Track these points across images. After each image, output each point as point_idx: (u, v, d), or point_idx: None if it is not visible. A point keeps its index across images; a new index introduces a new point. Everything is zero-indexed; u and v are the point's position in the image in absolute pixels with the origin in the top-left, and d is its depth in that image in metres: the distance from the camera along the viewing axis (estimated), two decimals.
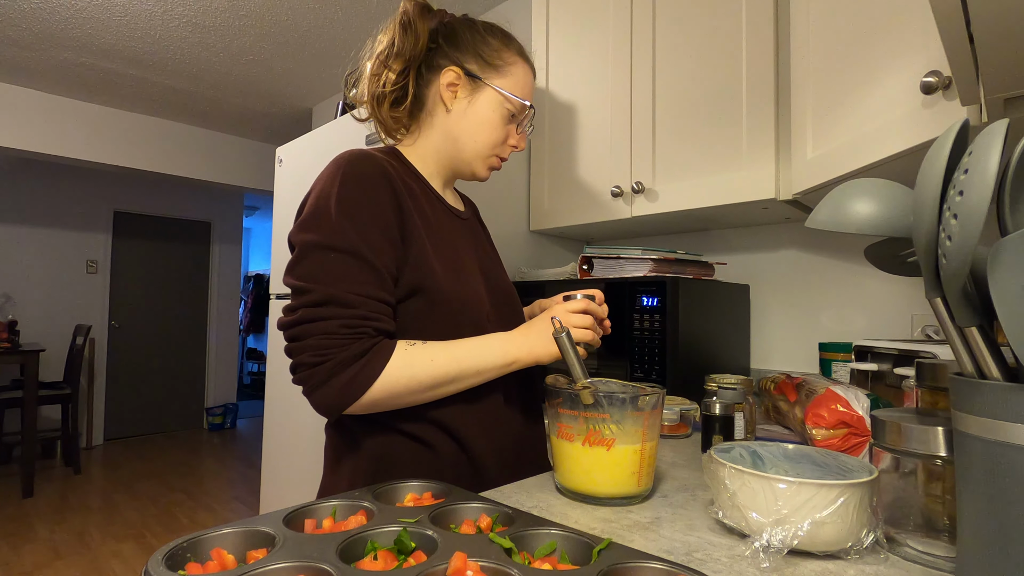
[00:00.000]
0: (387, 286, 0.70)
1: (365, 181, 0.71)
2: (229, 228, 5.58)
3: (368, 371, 0.66)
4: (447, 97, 0.82)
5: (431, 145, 0.85)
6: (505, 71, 0.82)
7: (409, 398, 0.70)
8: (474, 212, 0.99)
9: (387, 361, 0.67)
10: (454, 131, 0.83)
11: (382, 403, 0.69)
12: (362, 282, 0.67)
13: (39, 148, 3.40)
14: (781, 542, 0.50)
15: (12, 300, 4.28)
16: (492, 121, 0.82)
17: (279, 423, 1.87)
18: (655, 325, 1.24)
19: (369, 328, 0.67)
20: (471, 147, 0.83)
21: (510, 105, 0.82)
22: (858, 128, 0.92)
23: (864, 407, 0.77)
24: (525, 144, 0.88)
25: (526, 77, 0.84)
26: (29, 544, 2.74)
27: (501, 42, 0.84)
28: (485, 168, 0.86)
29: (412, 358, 0.69)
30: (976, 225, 0.38)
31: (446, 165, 0.86)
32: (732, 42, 1.22)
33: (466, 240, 0.86)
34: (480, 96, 0.82)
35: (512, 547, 0.46)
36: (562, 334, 0.69)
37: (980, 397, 0.41)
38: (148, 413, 5.06)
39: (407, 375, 0.68)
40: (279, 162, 1.95)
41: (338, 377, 0.65)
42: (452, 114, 0.82)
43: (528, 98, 0.84)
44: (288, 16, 2.50)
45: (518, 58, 0.84)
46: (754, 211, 1.30)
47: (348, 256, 0.67)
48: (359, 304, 0.67)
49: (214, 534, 0.46)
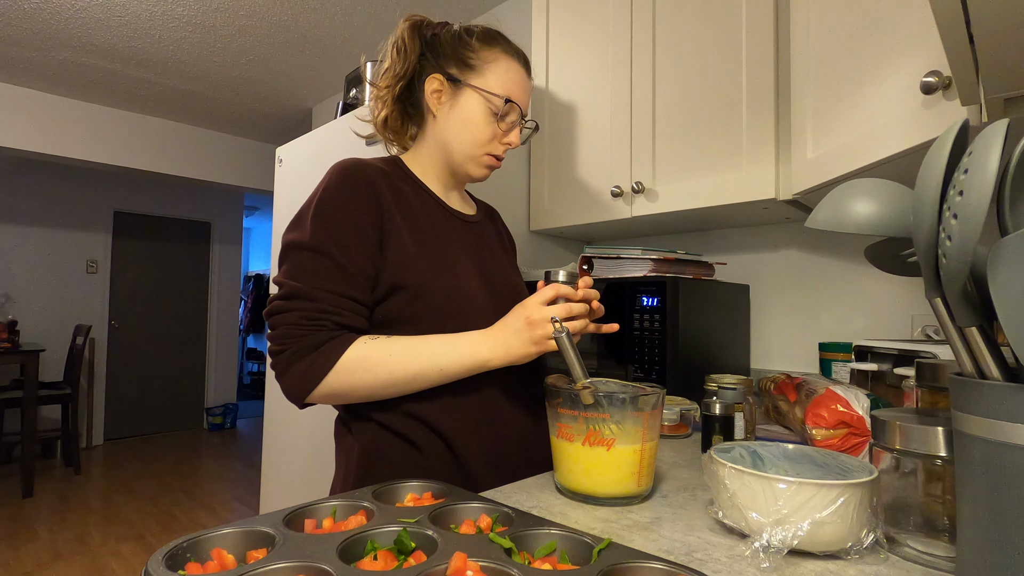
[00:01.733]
0: (357, 284, 0.73)
1: (345, 187, 0.76)
2: (229, 228, 5.58)
3: (322, 361, 0.69)
4: (433, 104, 0.84)
5: (427, 152, 0.88)
6: (483, 69, 0.82)
7: (367, 392, 0.72)
8: (488, 216, 1.00)
9: (342, 353, 0.69)
10: (441, 136, 0.85)
11: (341, 394, 0.71)
12: (328, 279, 0.71)
13: (39, 148, 3.40)
14: (781, 542, 0.50)
15: (12, 300, 4.28)
16: (474, 121, 0.83)
17: (279, 423, 1.87)
18: (655, 325, 1.24)
19: (328, 321, 0.70)
20: (459, 149, 0.84)
21: (491, 103, 0.82)
22: (858, 128, 0.92)
23: (864, 407, 0.77)
24: (519, 140, 0.86)
25: (509, 72, 0.83)
26: (29, 544, 2.74)
27: (481, 42, 0.84)
28: (478, 168, 0.86)
29: (368, 351, 0.70)
30: (976, 225, 0.38)
31: (443, 170, 0.88)
32: (732, 42, 1.22)
33: (465, 241, 0.87)
34: (461, 98, 0.83)
35: (512, 547, 0.46)
36: (561, 334, 0.69)
37: (980, 397, 0.41)
38: (148, 413, 5.06)
39: (362, 368, 0.70)
40: (279, 162, 1.95)
41: (296, 366, 0.69)
42: (438, 120, 0.85)
43: (513, 93, 0.83)
44: (288, 16, 2.50)
45: (500, 55, 0.84)
46: (754, 211, 1.30)
47: (318, 255, 0.72)
48: (321, 298, 0.71)
49: (214, 534, 0.46)
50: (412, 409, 0.76)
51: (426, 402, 0.76)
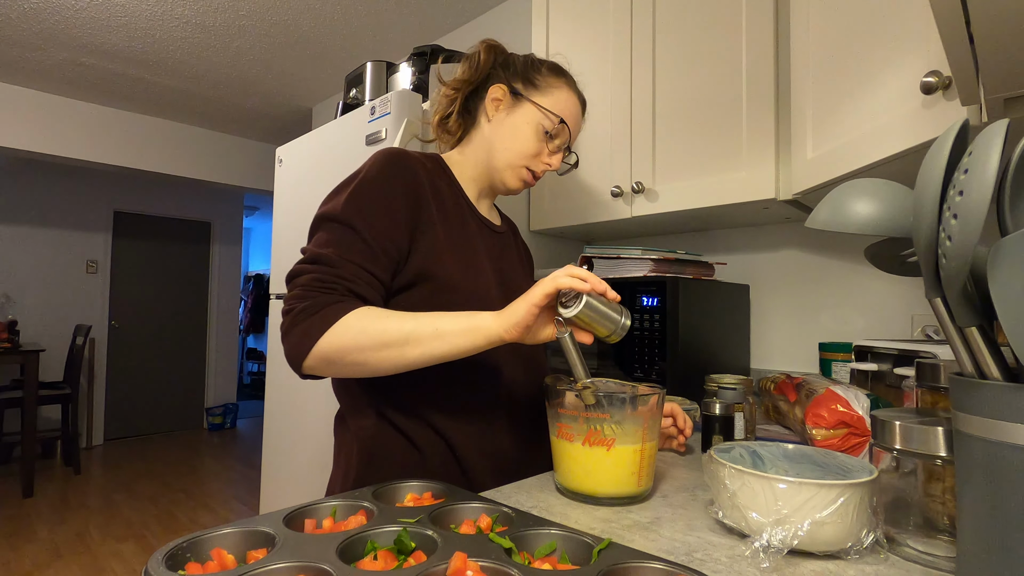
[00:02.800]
0: (378, 261, 0.73)
1: (387, 172, 0.77)
2: (229, 228, 5.58)
3: (322, 321, 0.67)
4: (490, 109, 0.88)
5: (470, 152, 0.91)
6: (547, 91, 0.87)
7: (359, 355, 0.67)
8: (511, 229, 1.01)
9: (344, 315, 0.67)
10: (490, 138, 0.88)
11: (334, 357, 0.67)
12: (350, 249, 0.72)
13: (39, 148, 3.40)
14: (781, 542, 0.50)
15: (12, 300, 4.28)
16: (525, 132, 0.86)
17: (279, 423, 1.87)
18: (655, 325, 1.24)
19: (341, 287, 0.70)
20: (503, 155, 0.87)
21: (546, 121, 0.86)
22: (858, 128, 0.92)
23: (864, 407, 0.77)
24: (558, 165, 0.90)
25: (568, 102, 0.88)
26: (29, 544, 2.74)
27: (550, 70, 0.89)
28: (515, 179, 0.88)
29: (367, 313, 0.68)
30: (976, 225, 0.38)
31: (481, 172, 0.90)
32: (732, 42, 1.22)
33: (490, 248, 0.88)
34: (518, 109, 0.87)
35: (512, 547, 0.46)
36: (564, 334, 0.69)
37: (980, 397, 0.41)
38: (148, 413, 5.06)
39: (357, 327, 0.67)
40: (279, 162, 1.94)
41: (299, 326, 0.68)
42: (492, 123, 0.88)
43: (568, 119, 0.88)
44: (288, 16, 2.50)
45: (564, 85, 0.89)
46: (754, 211, 1.30)
47: (345, 227, 0.73)
48: (340, 265, 0.70)
49: (214, 534, 0.46)
50: (416, 408, 0.76)
51: (430, 404, 0.76)
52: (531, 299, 0.65)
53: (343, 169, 1.60)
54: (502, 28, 2.34)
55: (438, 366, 0.71)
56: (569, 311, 0.66)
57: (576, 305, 0.66)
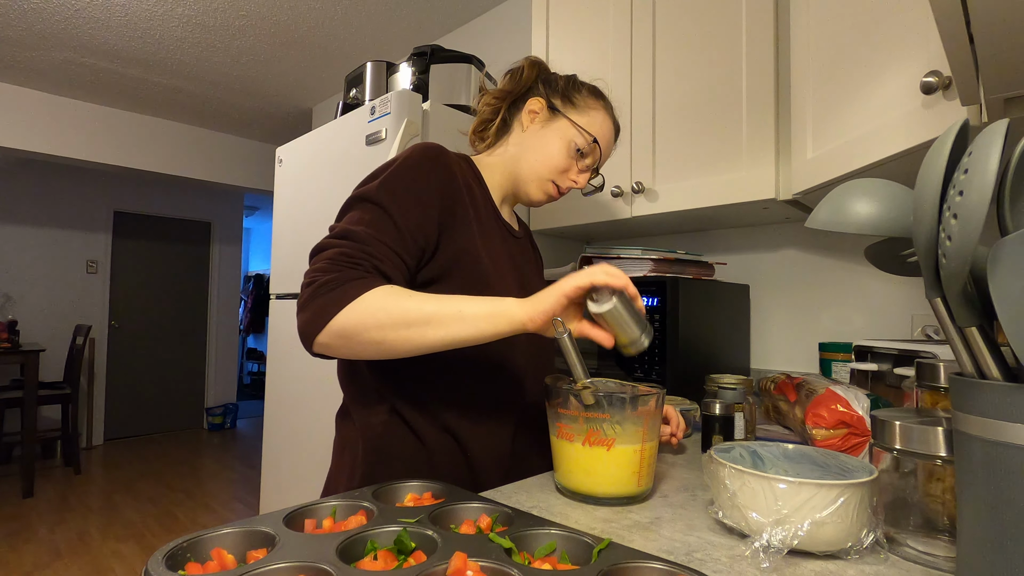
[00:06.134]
0: (406, 245, 0.72)
1: (424, 163, 0.77)
2: (229, 228, 5.58)
3: (343, 295, 0.64)
4: (526, 120, 0.90)
5: (499, 157, 0.92)
6: (584, 111, 0.89)
7: (377, 332, 0.64)
8: (528, 236, 1.01)
9: (367, 291, 0.65)
10: (520, 149, 0.89)
11: (351, 332, 0.64)
12: (379, 229, 0.71)
13: (39, 148, 3.40)
14: (781, 542, 0.50)
15: (12, 300, 4.28)
16: (557, 146, 0.87)
17: (279, 423, 1.87)
18: (655, 325, 1.24)
19: (368, 262, 0.68)
20: (530, 166, 0.88)
21: (579, 139, 0.87)
22: (858, 128, 0.92)
23: (864, 407, 0.77)
24: (583, 183, 0.91)
25: (604, 124, 0.90)
26: (29, 544, 2.74)
27: (590, 92, 0.91)
28: (539, 191, 0.89)
29: (391, 292, 0.66)
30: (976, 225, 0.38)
31: (507, 179, 0.91)
32: (732, 42, 1.22)
33: (511, 252, 0.89)
34: (553, 123, 0.88)
35: (512, 547, 0.46)
36: (564, 334, 0.69)
37: (980, 397, 0.41)
38: (148, 413, 5.06)
39: (377, 304, 0.64)
40: (279, 162, 1.94)
41: (318, 300, 0.64)
42: (526, 133, 0.90)
43: (601, 140, 0.89)
44: (288, 16, 2.50)
45: (602, 108, 0.91)
46: (754, 211, 1.30)
47: (376, 207, 0.72)
48: (368, 242, 0.69)
49: (214, 534, 0.46)
50: (427, 404, 0.76)
51: (442, 400, 0.76)
52: (563, 289, 0.64)
53: (343, 169, 1.60)
54: (502, 28, 2.34)
55: (452, 363, 0.71)
56: (599, 306, 0.65)
57: (608, 302, 0.65)
